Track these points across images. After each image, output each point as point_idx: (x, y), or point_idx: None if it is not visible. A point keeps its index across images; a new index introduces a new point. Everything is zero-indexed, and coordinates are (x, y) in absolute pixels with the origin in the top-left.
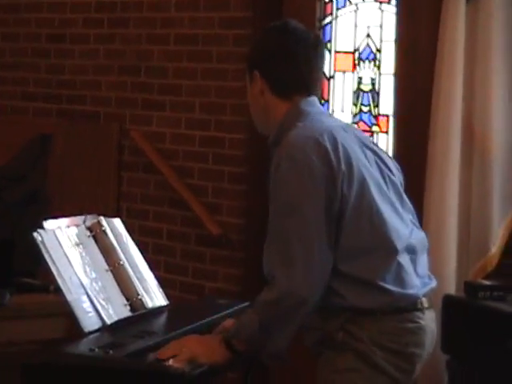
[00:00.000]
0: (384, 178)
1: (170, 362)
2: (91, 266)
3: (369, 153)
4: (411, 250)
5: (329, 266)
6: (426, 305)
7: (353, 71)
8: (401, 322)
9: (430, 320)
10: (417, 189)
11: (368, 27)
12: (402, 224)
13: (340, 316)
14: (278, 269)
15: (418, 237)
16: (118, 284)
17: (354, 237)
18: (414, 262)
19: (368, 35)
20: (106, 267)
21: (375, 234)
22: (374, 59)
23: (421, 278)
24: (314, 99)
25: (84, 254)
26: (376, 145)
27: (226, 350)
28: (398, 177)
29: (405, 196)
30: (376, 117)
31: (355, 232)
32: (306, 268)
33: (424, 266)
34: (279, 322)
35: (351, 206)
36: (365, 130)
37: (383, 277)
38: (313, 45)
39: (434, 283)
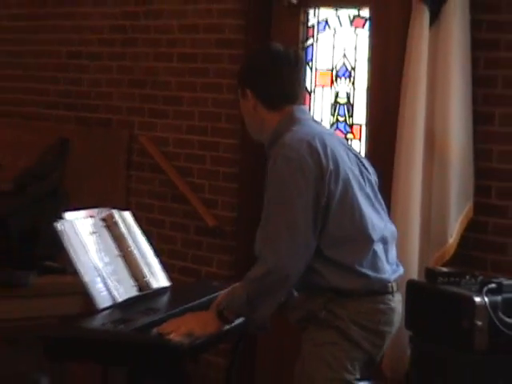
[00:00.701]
0: (363, 177)
1: (171, 336)
2: (104, 252)
3: (351, 155)
4: (384, 241)
5: (311, 250)
6: (395, 289)
7: (331, 86)
8: (375, 303)
9: (398, 302)
10: (385, 188)
11: (344, 49)
12: (378, 218)
13: (323, 296)
14: (266, 248)
15: (390, 230)
16: (128, 267)
17: (337, 227)
18: (386, 251)
19: (344, 55)
20: (117, 253)
21: (355, 226)
22: (349, 76)
23: (391, 265)
24: (305, 108)
25: (98, 242)
26: (354, 149)
27: (219, 321)
28: (373, 177)
29: (379, 194)
30: (350, 126)
31: (338, 223)
32: (290, 249)
33: (393, 255)
34: (264, 296)
35: (336, 200)
36: None
37: (360, 262)
38: (294, 61)
39: (401, 270)
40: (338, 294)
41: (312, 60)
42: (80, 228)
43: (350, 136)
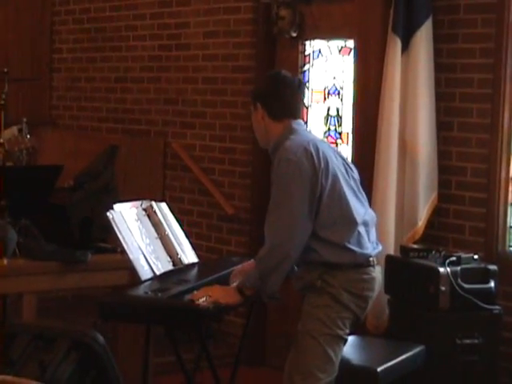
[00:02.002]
0: (348, 174)
1: (200, 301)
2: (146, 235)
3: (338, 157)
4: (366, 224)
5: (307, 233)
6: (375, 262)
7: (324, 102)
8: (359, 274)
9: (378, 272)
10: (367, 183)
11: (334, 72)
12: (360, 205)
13: (318, 269)
14: (271, 231)
15: (370, 215)
16: (164, 247)
17: (328, 213)
18: (367, 232)
19: (334, 77)
20: (156, 236)
21: (343, 211)
22: (339, 94)
23: (371, 244)
24: (301, 121)
25: (141, 227)
26: (340, 153)
27: (239, 295)
28: (356, 174)
29: (360, 187)
30: (340, 133)
31: (329, 209)
32: (289, 231)
33: (373, 236)
34: (272, 272)
35: (327, 192)
36: (332, 142)
37: (348, 240)
38: (297, 86)
39: (380, 248)
40: (330, 267)
41: (308, 81)
42: (126, 216)
43: (339, 141)
